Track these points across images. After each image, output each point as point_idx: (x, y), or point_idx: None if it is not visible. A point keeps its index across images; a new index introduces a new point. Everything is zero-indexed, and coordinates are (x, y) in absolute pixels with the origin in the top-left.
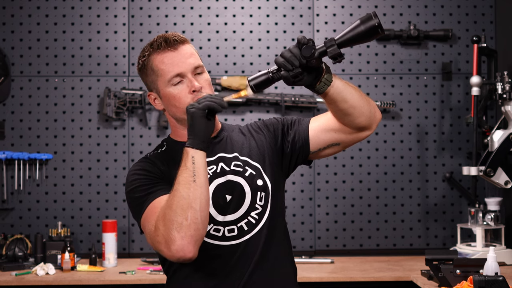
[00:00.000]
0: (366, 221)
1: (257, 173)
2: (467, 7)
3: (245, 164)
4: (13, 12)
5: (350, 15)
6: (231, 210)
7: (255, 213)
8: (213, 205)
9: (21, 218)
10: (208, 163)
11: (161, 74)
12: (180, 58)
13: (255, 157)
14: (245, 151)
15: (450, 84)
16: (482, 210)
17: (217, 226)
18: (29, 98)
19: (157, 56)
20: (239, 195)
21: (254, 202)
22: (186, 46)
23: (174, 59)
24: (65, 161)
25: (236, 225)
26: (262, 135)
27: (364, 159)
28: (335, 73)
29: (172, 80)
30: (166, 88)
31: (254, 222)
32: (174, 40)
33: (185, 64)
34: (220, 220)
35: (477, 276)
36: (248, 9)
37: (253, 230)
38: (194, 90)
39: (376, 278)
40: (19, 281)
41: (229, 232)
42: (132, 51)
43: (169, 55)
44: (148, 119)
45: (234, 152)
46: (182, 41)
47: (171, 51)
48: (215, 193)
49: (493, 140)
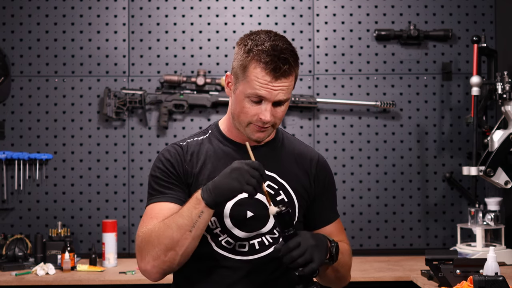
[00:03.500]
0: (366, 221)
1: (289, 201)
2: (467, 7)
3: (280, 188)
4: (13, 12)
5: (350, 15)
6: (248, 227)
7: (270, 236)
8: (231, 216)
9: (21, 218)
10: None
11: (248, 82)
12: (273, 87)
13: (293, 186)
14: (286, 175)
15: (450, 84)
16: (482, 210)
17: (229, 239)
18: (29, 98)
19: (258, 67)
20: (261, 217)
21: (274, 227)
22: (287, 79)
23: (268, 85)
24: (65, 161)
25: (248, 242)
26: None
27: (364, 159)
28: (335, 74)
29: (252, 97)
30: (244, 95)
31: (267, 244)
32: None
33: (272, 95)
34: (235, 233)
35: (477, 276)
36: (248, 9)
37: (265, 251)
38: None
39: (376, 278)
40: (19, 281)
41: (239, 247)
42: (132, 51)
43: (268, 78)
44: (148, 119)
45: (275, 172)
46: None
47: (272, 78)
48: (237, 205)
49: (493, 140)
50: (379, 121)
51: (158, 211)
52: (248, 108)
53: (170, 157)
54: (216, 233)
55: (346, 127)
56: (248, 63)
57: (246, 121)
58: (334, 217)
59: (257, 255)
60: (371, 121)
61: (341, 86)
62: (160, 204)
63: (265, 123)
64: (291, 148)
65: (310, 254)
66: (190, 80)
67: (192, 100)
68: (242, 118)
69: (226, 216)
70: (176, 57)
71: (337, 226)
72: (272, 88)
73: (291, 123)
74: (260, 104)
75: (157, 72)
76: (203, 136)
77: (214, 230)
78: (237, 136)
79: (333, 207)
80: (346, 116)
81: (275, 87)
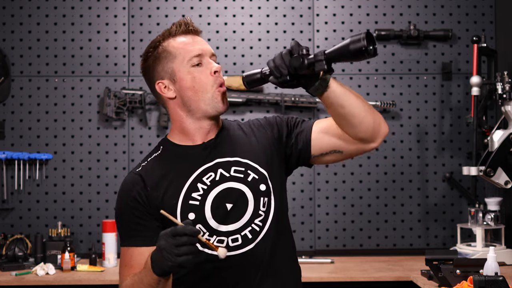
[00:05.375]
0: (366, 221)
1: (260, 177)
2: (467, 7)
3: (247, 168)
4: (13, 12)
5: (350, 15)
6: (233, 219)
7: (258, 220)
8: (213, 216)
9: (21, 218)
10: (207, 170)
11: (180, 53)
12: (200, 41)
13: (257, 159)
14: (247, 152)
15: (450, 84)
16: (482, 210)
17: (220, 237)
18: (29, 98)
19: (176, 38)
20: (241, 203)
21: (258, 209)
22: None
23: (195, 40)
24: (65, 161)
25: (240, 234)
26: (263, 133)
27: (364, 159)
28: (335, 74)
29: (192, 60)
30: (185, 69)
31: (258, 230)
32: (197, 30)
33: (206, 46)
34: (223, 230)
35: (477, 276)
36: (248, 9)
37: (258, 237)
38: (215, 71)
39: (376, 278)
40: (19, 281)
41: (233, 242)
42: (132, 51)
43: (190, 37)
44: (148, 119)
45: (235, 155)
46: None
47: (192, 34)
48: (214, 203)
49: (493, 140)
50: None
51: (130, 258)
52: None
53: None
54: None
55: None
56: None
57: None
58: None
59: (252, 244)
60: None
61: None
62: (131, 250)
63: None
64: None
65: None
66: None
67: None
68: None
69: (209, 218)
70: None
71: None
72: (200, 41)
73: None
74: (202, 66)
75: None
76: (156, 153)
77: (203, 236)
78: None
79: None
80: None
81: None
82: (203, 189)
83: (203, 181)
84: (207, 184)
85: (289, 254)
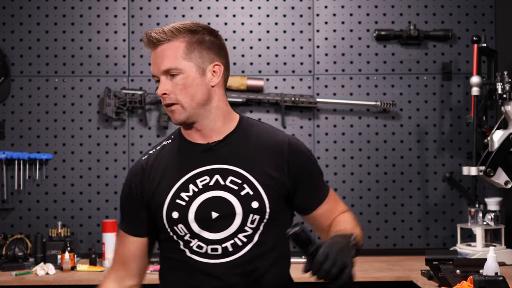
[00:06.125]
0: (366, 221)
1: (255, 194)
2: (467, 7)
3: (244, 182)
4: (13, 12)
5: (350, 15)
6: (216, 228)
7: (243, 235)
8: (196, 219)
9: (21, 218)
10: (203, 172)
11: None
12: (155, 59)
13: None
14: (250, 166)
15: (450, 84)
16: (482, 210)
17: (200, 243)
18: (29, 98)
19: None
20: (227, 215)
21: (244, 224)
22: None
23: (153, 59)
24: (65, 161)
25: (220, 245)
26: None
27: (364, 159)
28: (335, 74)
29: (154, 79)
30: None
31: (241, 245)
32: (155, 39)
33: (156, 67)
34: (205, 237)
35: (477, 276)
36: (248, 9)
37: (240, 252)
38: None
39: (376, 278)
40: (19, 281)
41: (212, 251)
42: (132, 51)
43: (152, 54)
44: (148, 119)
45: (236, 165)
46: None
47: (152, 50)
48: (200, 208)
49: (493, 140)
50: (379, 121)
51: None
52: None
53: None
54: (187, 239)
55: (346, 127)
56: None
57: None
58: (323, 196)
59: (232, 257)
60: (371, 121)
61: (341, 86)
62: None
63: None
64: (257, 136)
65: (341, 260)
66: None
67: None
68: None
69: (191, 221)
70: None
71: (331, 201)
72: (154, 59)
73: (291, 123)
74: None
75: None
76: (166, 142)
77: (185, 237)
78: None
79: (319, 187)
80: (346, 116)
81: (155, 58)
82: (193, 191)
83: (196, 183)
84: (199, 187)
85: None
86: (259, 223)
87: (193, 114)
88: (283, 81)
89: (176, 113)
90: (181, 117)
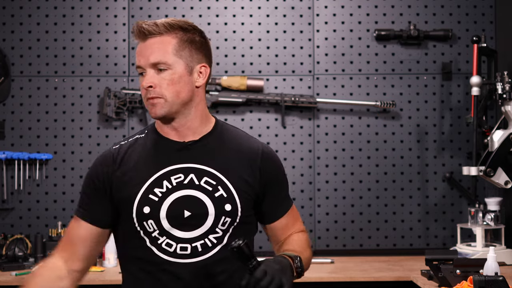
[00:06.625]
0: (366, 221)
1: (228, 197)
2: (467, 7)
3: (219, 183)
4: (13, 12)
5: (350, 15)
6: (187, 227)
7: (213, 236)
8: (167, 217)
9: (21, 218)
10: (178, 170)
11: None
12: (144, 50)
13: (232, 179)
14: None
15: (450, 84)
16: (482, 210)
17: (169, 240)
18: (29, 98)
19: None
20: (199, 215)
21: (216, 225)
22: (156, 39)
23: (141, 50)
24: (65, 161)
25: (190, 244)
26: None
27: (364, 159)
28: (335, 74)
29: (137, 69)
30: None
31: (211, 245)
32: (146, 31)
33: (144, 58)
34: (175, 235)
35: (477, 276)
36: (248, 9)
37: (209, 253)
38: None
39: (376, 278)
40: (19, 281)
41: (181, 250)
42: (132, 51)
43: (139, 45)
44: (148, 119)
45: (212, 167)
46: (155, 33)
47: (141, 41)
48: (173, 205)
49: (493, 140)
50: (379, 121)
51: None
52: (140, 83)
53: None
54: (155, 236)
55: (346, 127)
56: None
57: (143, 98)
58: (286, 208)
59: (201, 257)
60: (371, 121)
61: (341, 86)
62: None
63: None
64: (232, 140)
65: (279, 279)
66: None
67: None
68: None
69: (163, 217)
70: None
71: (290, 216)
72: (142, 50)
73: (291, 123)
74: (143, 76)
75: None
76: (139, 135)
77: (153, 234)
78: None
79: (284, 198)
80: (346, 116)
81: (145, 49)
82: (167, 187)
83: (170, 179)
84: (173, 184)
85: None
86: (230, 225)
87: (174, 110)
88: (283, 81)
89: (158, 107)
90: (161, 111)
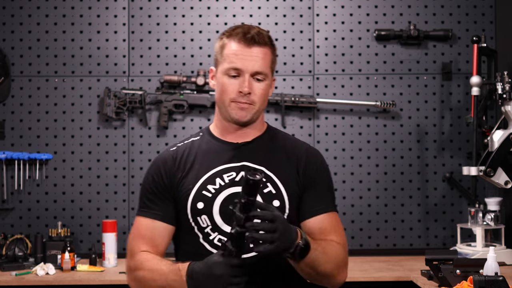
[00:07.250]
0: (366, 221)
1: (277, 193)
2: (467, 7)
3: (268, 180)
4: (13, 12)
5: (350, 15)
6: None
7: None
8: (220, 212)
9: (21, 218)
10: (230, 168)
11: (225, 59)
12: (248, 56)
13: (281, 177)
14: (275, 167)
15: (450, 84)
16: (482, 210)
17: (221, 236)
18: (29, 98)
19: (232, 41)
20: None
21: None
22: (261, 49)
23: (244, 55)
24: (65, 161)
25: None
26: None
27: (364, 159)
28: (335, 74)
29: (229, 71)
30: (221, 73)
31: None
32: (253, 38)
33: (246, 64)
34: (225, 231)
35: (477, 276)
36: (248, 9)
37: None
38: (240, 91)
39: (376, 278)
40: (19, 281)
41: None
42: (132, 51)
43: (240, 49)
44: (148, 119)
45: (263, 165)
46: (261, 43)
47: (245, 46)
48: (226, 201)
49: (493, 140)
50: (379, 121)
51: (145, 229)
52: (227, 84)
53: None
54: (207, 232)
55: (346, 127)
56: (224, 44)
57: (228, 100)
58: (324, 209)
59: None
60: (371, 121)
61: (341, 86)
62: (146, 221)
63: (244, 97)
64: (281, 141)
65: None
66: (190, 80)
67: (192, 100)
68: (224, 97)
69: (216, 213)
70: (176, 57)
71: (328, 222)
72: (246, 56)
73: (291, 123)
74: (238, 78)
75: (157, 72)
76: (195, 138)
77: (205, 229)
78: (227, 135)
79: (323, 198)
80: (346, 116)
81: (249, 56)
82: (220, 184)
83: (223, 177)
84: (225, 182)
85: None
86: None
87: (256, 117)
88: (283, 81)
89: (248, 112)
90: (249, 116)
